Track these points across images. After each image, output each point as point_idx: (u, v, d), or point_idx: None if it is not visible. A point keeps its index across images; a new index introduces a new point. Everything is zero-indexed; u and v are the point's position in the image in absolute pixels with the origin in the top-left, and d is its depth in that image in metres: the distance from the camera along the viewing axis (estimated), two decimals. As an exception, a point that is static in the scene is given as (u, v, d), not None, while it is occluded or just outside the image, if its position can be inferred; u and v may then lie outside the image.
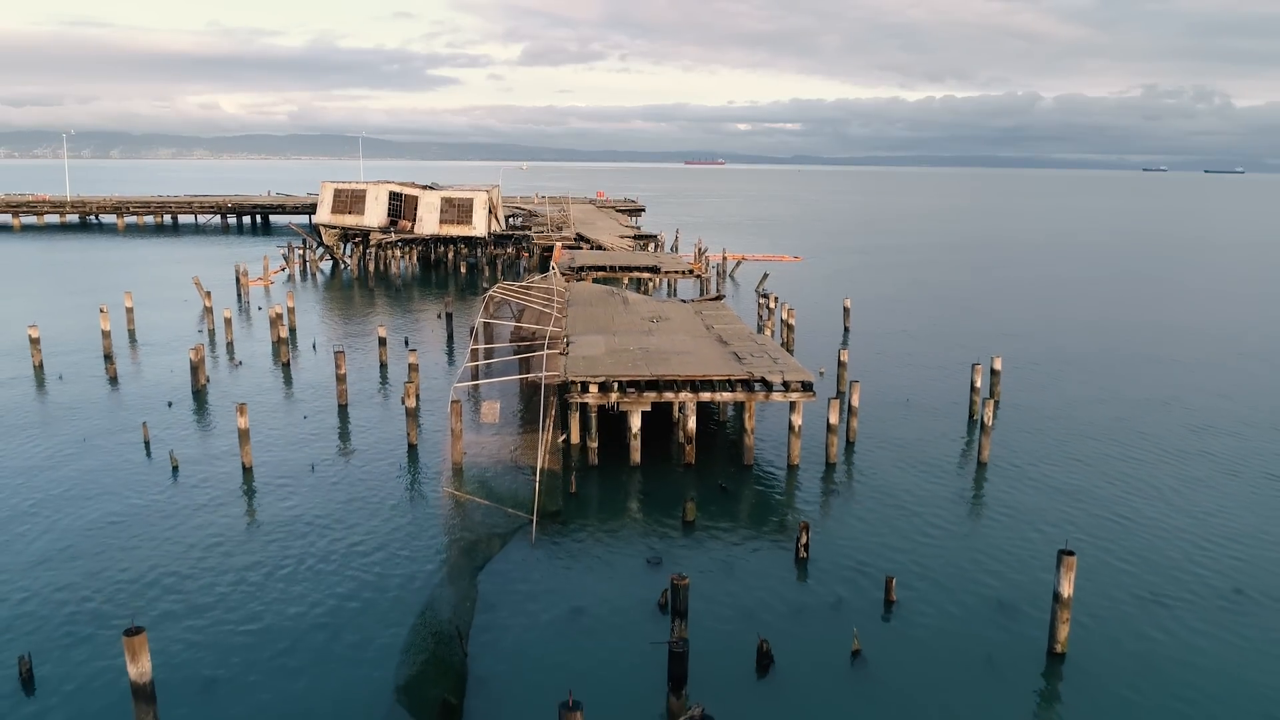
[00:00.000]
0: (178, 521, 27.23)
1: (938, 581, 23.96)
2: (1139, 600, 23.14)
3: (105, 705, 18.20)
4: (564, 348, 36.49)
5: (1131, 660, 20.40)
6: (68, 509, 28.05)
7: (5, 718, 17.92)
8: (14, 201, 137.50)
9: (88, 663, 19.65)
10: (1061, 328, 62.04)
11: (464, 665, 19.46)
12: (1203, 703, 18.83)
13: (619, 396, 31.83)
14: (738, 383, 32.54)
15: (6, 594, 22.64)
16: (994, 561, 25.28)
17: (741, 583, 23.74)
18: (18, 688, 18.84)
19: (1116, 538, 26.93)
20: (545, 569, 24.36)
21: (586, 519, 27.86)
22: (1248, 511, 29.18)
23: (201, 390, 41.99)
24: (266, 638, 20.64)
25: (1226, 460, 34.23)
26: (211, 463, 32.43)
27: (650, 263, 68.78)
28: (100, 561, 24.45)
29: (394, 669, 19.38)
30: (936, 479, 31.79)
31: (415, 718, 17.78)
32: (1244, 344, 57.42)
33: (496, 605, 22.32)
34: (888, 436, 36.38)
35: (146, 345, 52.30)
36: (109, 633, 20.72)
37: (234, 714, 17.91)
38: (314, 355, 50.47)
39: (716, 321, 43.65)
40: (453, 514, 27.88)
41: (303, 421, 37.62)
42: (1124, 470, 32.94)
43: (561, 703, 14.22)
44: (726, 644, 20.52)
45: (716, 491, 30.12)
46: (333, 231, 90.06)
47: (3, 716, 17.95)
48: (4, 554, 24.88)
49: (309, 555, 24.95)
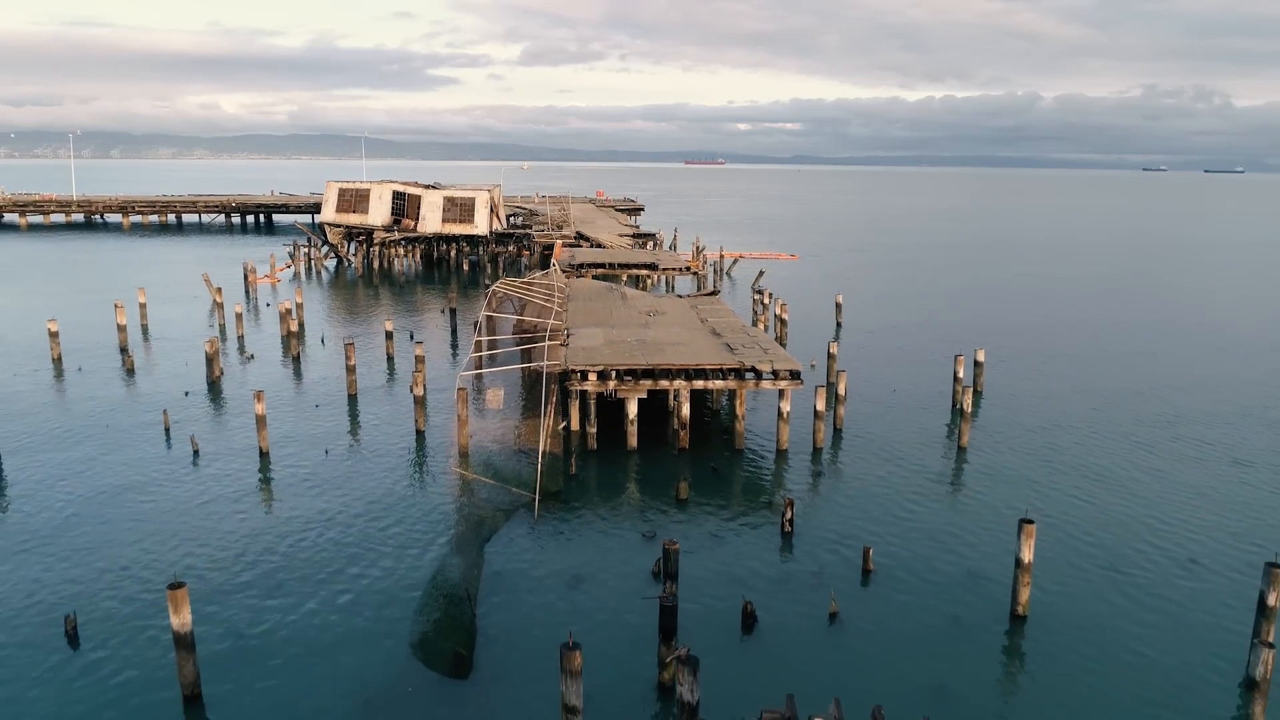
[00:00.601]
0: (202, 499, 28.99)
1: (913, 552, 25.72)
2: (1099, 569, 24.88)
3: (143, 658, 19.91)
4: (564, 339, 38.24)
5: (1088, 621, 22.13)
6: (96, 487, 29.80)
7: (54, 670, 19.61)
8: (21, 201, 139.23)
9: (126, 621, 21.39)
10: (1048, 323, 63.79)
11: (473, 623, 21.22)
12: (1154, 658, 20.53)
13: (616, 384, 33.58)
14: (729, 371, 34.28)
15: (50, 562, 24.40)
16: (966, 534, 27.04)
17: (729, 553, 25.49)
18: (64, 644, 20.56)
19: (1082, 514, 28.68)
20: (547, 541, 26.11)
21: (586, 498, 29.62)
22: (1207, 493, 30.92)
23: (216, 382, 43.72)
24: (293, 599, 22.40)
25: (1192, 446, 35.98)
26: (230, 447, 34.17)
27: (648, 260, 70.53)
28: (131, 534, 26.21)
29: (410, 626, 21.15)
30: (917, 461, 33.54)
31: (430, 668, 19.53)
32: (1221, 339, 59.17)
33: (502, 573, 24.07)
34: (873, 423, 38.12)
35: (160, 340, 53.99)
36: (146, 593, 22.49)
37: (266, 664, 19.65)
38: (322, 349, 52.21)
39: (711, 315, 45.38)
40: (460, 492, 29.64)
41: (315, 410, 39.36)
42: (1094, 455, 34.68)
43: (562, 644, 15.94)
44: (714, 606, 22.28)
45: (708, 473, 31.87)
46: (337, 230, 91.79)
47: (51, 669, 19.64)
48: (43, 528, 26.62)
49: (328, 529, 26.70)
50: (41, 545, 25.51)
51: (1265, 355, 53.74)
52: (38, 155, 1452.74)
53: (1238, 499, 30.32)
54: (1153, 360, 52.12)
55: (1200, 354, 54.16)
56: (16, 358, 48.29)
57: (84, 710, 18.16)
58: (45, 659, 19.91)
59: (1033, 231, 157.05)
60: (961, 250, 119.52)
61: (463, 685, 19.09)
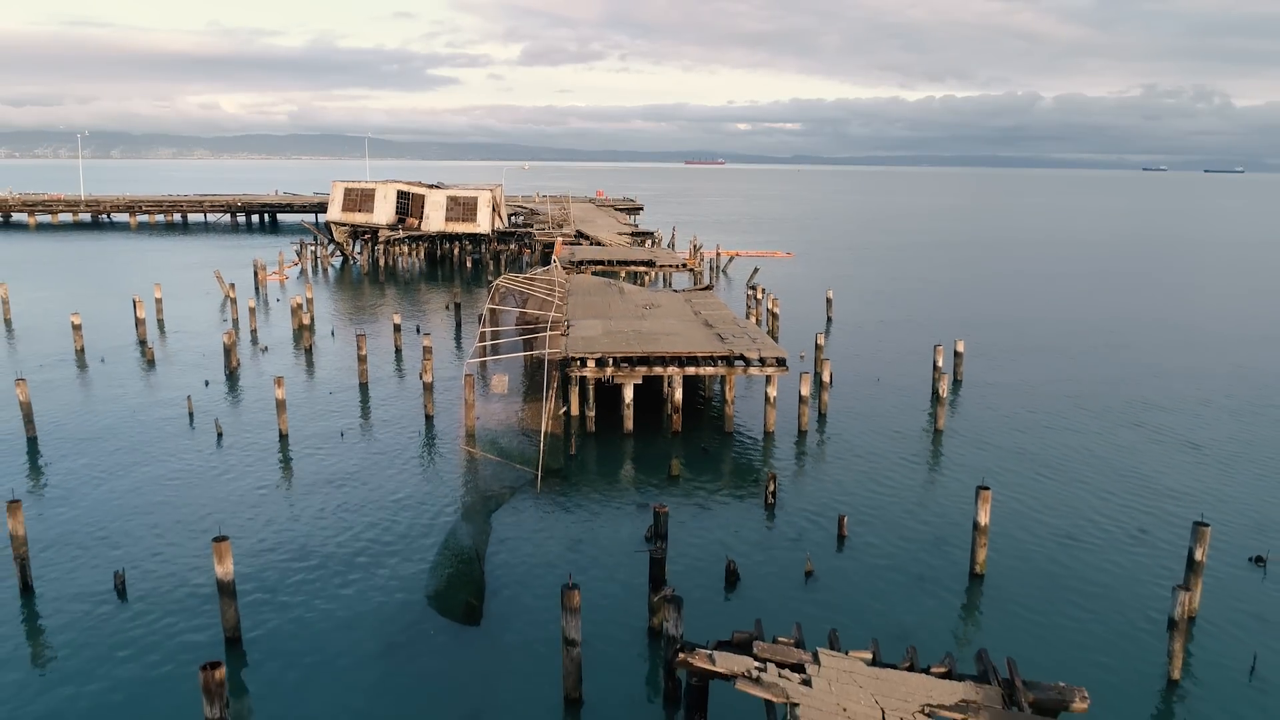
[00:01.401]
0: (229, 475, 31.27)
1: (884, 520, 28.01)
2: (1053, 536, 27.15)
3: (185, 607, 22.17)
4: (564, 330, 40.51)
5: (1040, 579, 24.39)
6: (131, 464, 32.08)
7: (105, 620, 21.82)
8: (30, 201, 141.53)
9: (168, 577, 23.66)
10: (1032, 318, 66.05)
11: (482, 578, 23.50)
12: (1096, 610, 22.75)
13: (614, 371, 35.85)
14: (720, 359, 36.57)
15: (96, 528, 26.68)
16: (934, 505, 29.32)
17: (716, 521, 27.77)
18: (114, 597, 22.83)
19: (1042, 489, 30.95)
20: (549, 510, 28.39)
21: (585, 475, 31.90)
22: (1160, 472, 33.18)
23: (234, 372, 45.98)
24: (318, 559, 24.69)
25: (1151, 431, 38.25)
26: (251, 430, 36.43)
27: (646, 257, 72.80)
28: (167, 504, 28.49)
29: (425, 581, 23.43)
30: (894, 443, 35.82)
31: (444, 615, 21.81)
32: (1195, 333, 61.43)
33: (507, 538, 26.34)
34: (856, 409, 40.39)
35: (176, 334, 56.23)
36: (183, 555, 24.76)
37: (298, 613, 21.92)
38: (332, 341, 54.48)
39: (704, 308, 47.66)
40: (468, 469, 31.94)
41: (329, 397, 41.63)
42: (1059, 437, 36.95)
43: (563, 584, 18.20)
44: (701, 565, 24.55)
45: (699, 454, 34.14)
46: (343, 229, 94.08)
47: (103, 619, 21.86)
48: (87, 499, 28.89)
49: (346, 500, 28.98)
50: (88, 514, 27.78)
51: (1233, 348, 55.97)
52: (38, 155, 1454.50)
53: (1188, 477, 32.57)
54: (1127, 352, 54.37)
55: (1172, 347, 56.40)
56: (42, 350, 50.56)
57: (134, 651, 20.37)
58: (98, 610, 22.17)
59: (1028, 231, 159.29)
60: (956, 249, 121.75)
61: (474, 630, 21.35)
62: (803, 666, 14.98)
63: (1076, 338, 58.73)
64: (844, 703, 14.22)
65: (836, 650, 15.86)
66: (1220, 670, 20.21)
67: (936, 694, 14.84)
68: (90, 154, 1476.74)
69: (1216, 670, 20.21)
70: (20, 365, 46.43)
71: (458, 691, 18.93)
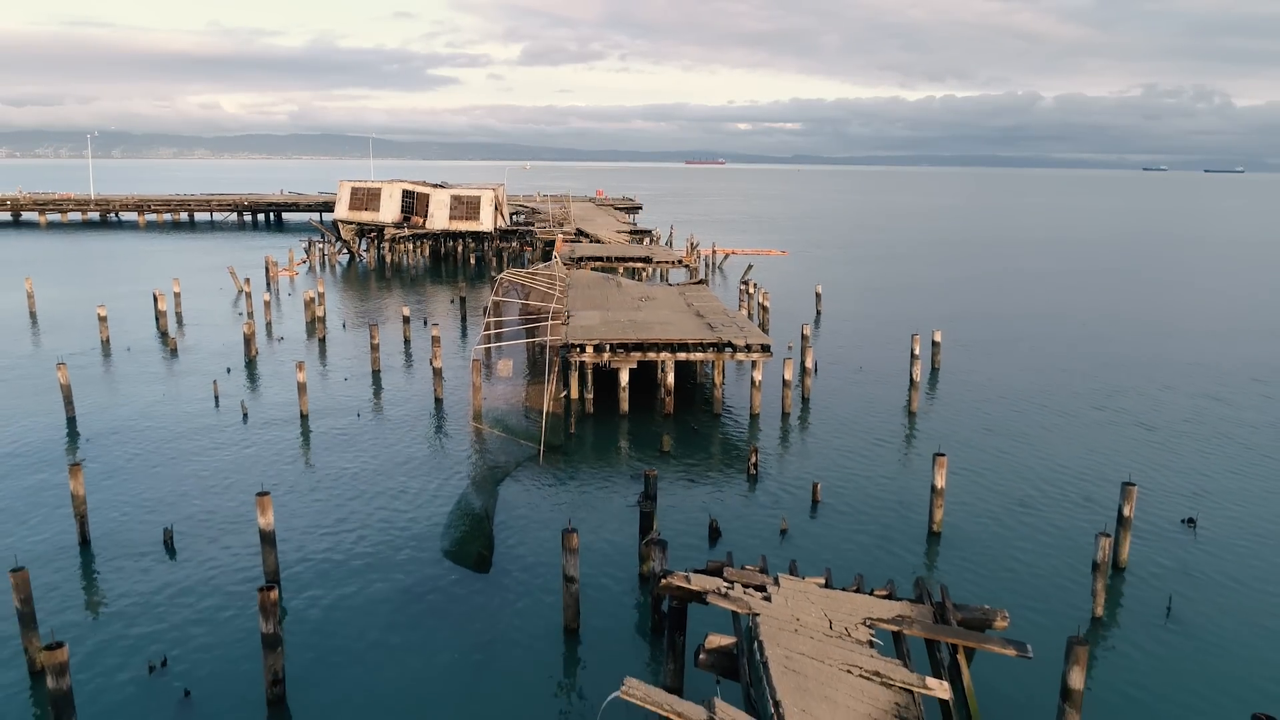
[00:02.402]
0: (256, 450, 34.07)
1: (855, 486, 30.84)
2: (1008, 500, 29.95)
3: (227, 558, 24.97)
4: (565, 319, 43.31)
5: (991, 536, 27.19)
6: (166, 439, 34.90)
7: (155, 573, 24.59)
8: (41, 200, 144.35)
9: (211, 533, 26.47)
10: (1013, 312, 68.87)
11: (491, 533, 26.32)
12: (1040, 564, 25.52)
13: (610, 356, 38.66)
14: (709, 345, 39.38)
15: (143, 489, 29.51)
16: (901, 475, 32.15)
17: (702, 488, 30.60)
18: (164, 553, 25.62)
19: (1001, 462, 33.75)
20: (551, 480, 31.21)
21: (583, 450, 34.72)
22: (1115, 447, 35.98)
23: (253, 360, 48.78)
24: (343, 516, 27.53)
25: (1109, 414, 41.06)
26: (274, 411, 39.25)
27: (643, 254, 75.61)
28: (203, 473, 31.32)
29: (440, 537, 26.25)
30: (871, 422, 38.64)
31: (458, 564, 24.62)
32: (1168, 327, 64.26)
33: (513, 502, 29.16)
34: (837, 393, 43.22)
35: (194, 325, 59.03)
36: (222, 519, 27.58)
37: (329, 557, 24.72)
38: (344, 333, 57.29)
39: (696, 300, 50.47)
40: (476, 444, 34.78)
41: (344, 382, 44.43)
42: (1023, 416, 39.78)
43: (563, 528, 20.99)
44: (686, 525, 27.35)
45: (690, 433, 36.96)
46: (350, 227, 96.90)
47: (153, 573, 24.63)
48: (127, 469, 31.71)
49: (365, 469, 31.81)
50: (131, 481, 30.60)
51: (1202, 341, 58.79)
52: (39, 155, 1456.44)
53: (1137, 453, 35.36)
54: (1099, 343, 57.16)
55: (1144, 339, 59.20)
56: (70, 341, 53.36)
57: (181, 591, 23.16)
58: (150, 563, 24.97)
59: (1022, 230, 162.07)
60: (948, 248, 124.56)
61: (485, 577, 24.15)
62: (764, 587, 17.75)
63: (1054, 330, 61.54)
64: (798, 614, 17.01)
65: (795, 576, 18.66)
66: (1140, 611, 23.01)
67: (877, 610, 17.62)
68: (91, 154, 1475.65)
69: (1137, 610, 23.01)
70: (53, 354, 49.24)
71: (471, 625, 21.73)
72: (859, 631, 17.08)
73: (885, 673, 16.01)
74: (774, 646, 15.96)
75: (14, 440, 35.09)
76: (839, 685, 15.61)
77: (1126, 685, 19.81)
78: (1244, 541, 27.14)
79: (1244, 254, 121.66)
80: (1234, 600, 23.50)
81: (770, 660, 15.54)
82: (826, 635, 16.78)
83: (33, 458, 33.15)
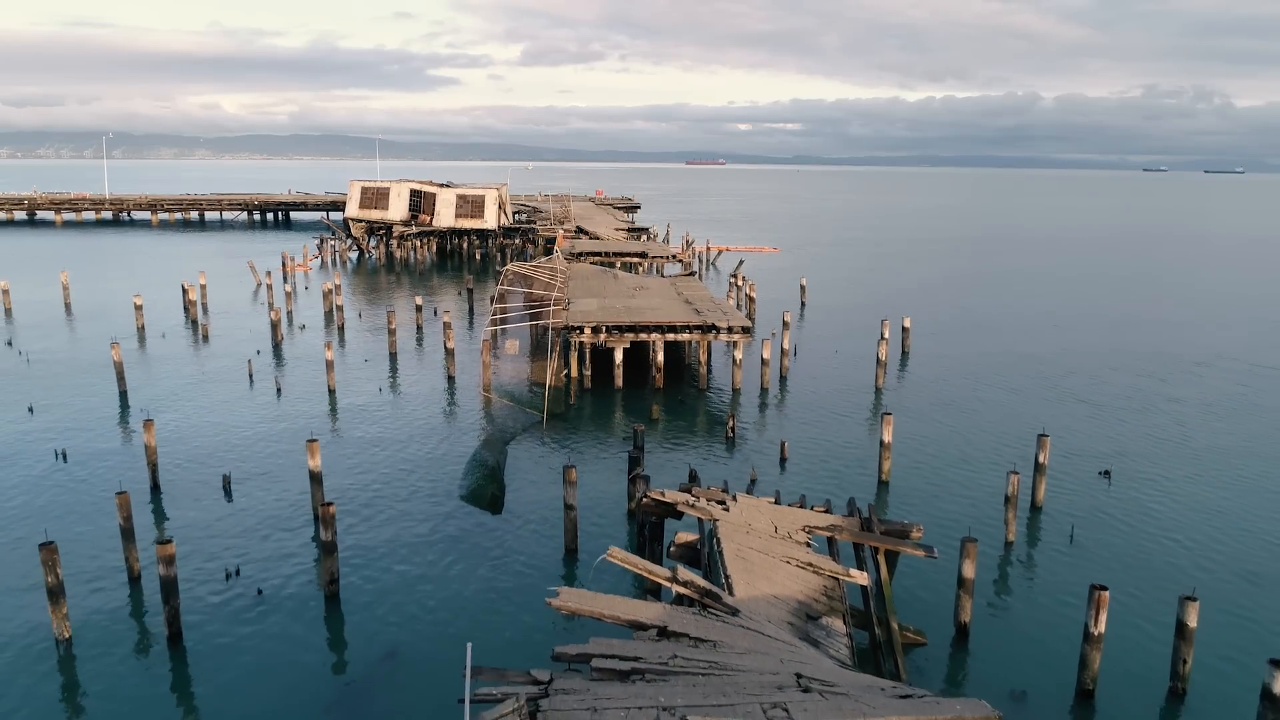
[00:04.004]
0: (290, 417, 38.49)
1: (819, 446, 35.28)
2: (948, 456, 34.37)
3: (279, 501, 29.37)
4: (566, 305, 47.73)
5: (931, 486, 31.58)
6: (208, 407, 39.32)
7: (215, 515, 28.95)
8: (58, 199, 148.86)
9: (264, 479, 30.89)
10: (985, 304, 73.30)
11: (502, 481, 30.75)
12: (969, 504, 29.89)
13: (606, 337, 43.07)
14: (695, 327, 43.82)
15: (197, 447, 33.94)
16: (860, 437, 36.57)
17: (685, 448, 35.03)
18: (222, 497, 30.03)
19: (951, 425, 38.18)
20: (553, 441, 35.65)
21: (581, 418, 39.16)
22: (1056, 416, 40.38)
23: (279, 344, 53.20)
24: (371, 469, 31.99)
25: (1062, 390, 45.49)
26: (304, 387, 43.66)
27: (639, 250, 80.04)
28: (249, 430, 35.74)
29: (458, 484, 30.67)
30: (839, 395, 43.08)
31: (474, 505, 29.03)
32: (1133, 317, 68.69)
33: (520, 459, 33.60)
34: (813, 372, 47.67)
35: (219, 315, 63.44)
36: (268, 471, 32.00)
37: (363, 502, 29.14)
38: (359, 321, 61.73)
39: (686, 290, 54.92)
40: (486, 412, 39.25)
41: (365, 364, 48.85)
42: (979, 392, 44.21)
43: (565, 464, 25.39)
44: (668, 473, 31.75)
45: (676, 404, 41.40)
46: (360, 224, 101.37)
47: (214, 515, 28.99)
48: (180, 431, 36.13)
49: (389, 434, 36.25)
50: (186, 440, 35.01)
51: (1157, 330, 63.22)
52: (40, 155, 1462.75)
53: (1073, 423, 39.77)
54: (1065, 332, 61.59)
55: (1105, 329, 63.62)
56: (106, 328, 57.75)
57: (243, 521, 27.56)
58: (213, 501, 29.39)
59: (1010, 229, 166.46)
60: (937, 245, 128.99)
61: (497, 516, 28.55)
62: (724, 502, 22.15)
63: (1023, 321, 65.97)
64: (750, 521, 21.40)
65: (749, 495, 23.06)
66: (1046, 539, 27.43)
67: (815, 521, 22.04)
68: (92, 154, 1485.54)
69: (1043, 538, 27.44)
70: (95, 339, 53.70)
71: (486, 548, 26.13)
72: (798, 535, 21.53)
73: (816, 563, 20.47)
74: (729, 542, 20.38)
75: (80, 406, 39.51)
76: (778, 571, 20.05)
77: (1019, 582, 24.24)
78: (1150, 492, 31.51)
79: (1222, 251, 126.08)
80: (1130, 536, 27.89)
81: (725, 551, 19.95)
82: (771, 537, 21.22)
83: (100, 417, 37.58)
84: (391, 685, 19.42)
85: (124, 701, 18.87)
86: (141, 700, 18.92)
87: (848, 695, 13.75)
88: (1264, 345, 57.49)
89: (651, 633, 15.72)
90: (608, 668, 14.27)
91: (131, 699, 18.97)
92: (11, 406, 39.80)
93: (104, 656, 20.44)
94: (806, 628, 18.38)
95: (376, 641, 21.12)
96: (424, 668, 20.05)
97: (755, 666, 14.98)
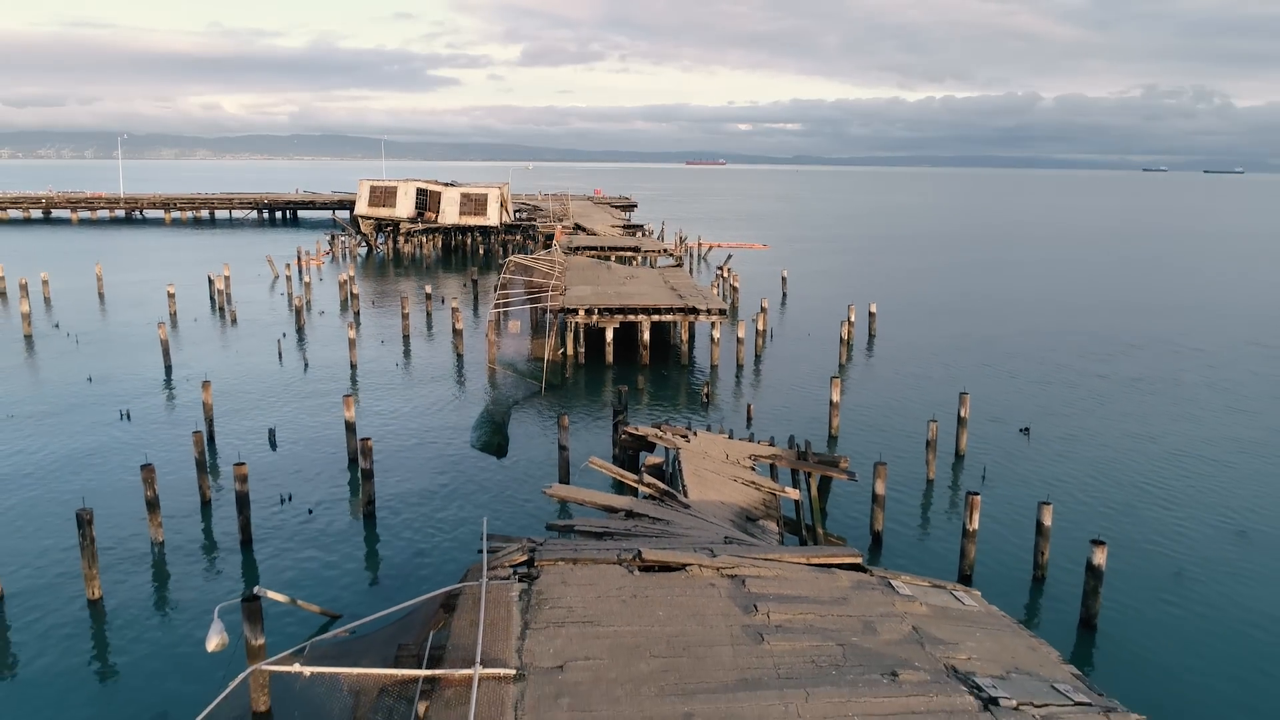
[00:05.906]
0: (319, 385, 43.79)
1: (781, 410, 40.61)
2: (892, 416, 39.64)
3: (318, 451, 34.63)
4: (563, 291, 53.04)
5: (874, 437, 36.82)
6: (246, 377, 44.62)
7: (262, 464, 34.11)
8: (74, 198, 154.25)
9: (306, 432, 36.19)
10: (957, 292, 78.62)
11: (506, 433, 36.07)
12: (904, 454, 35.11)
13: (598, 318, 48.37)
14: (678, 309, 49.14)
15: (241, 408, 39.23)
16: (820, 403, 41.84)
17: (665, 411, 40.35)
18: (268, 449, 35.30)
19: (901, 393, 43.47)
20: (551, 404, 40.98)
21: (576, 388, 44.49)
22: (994, 388, 45.68)
23: (302, 328, 58.52)
24: (392, 425, 37.29)
25: (1007, 369, 50.78)
26: (328, 364, 48.95)
27: (633, 244, 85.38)
28: (287, 393, 41.03)
29: (469, 435, 35.99)
30: (805, 371, 48.40)
31: (483, 452, 34.34)
32: (1092, 306, 74.01)
33: (521, 418, 38.91)
34: (785, 353, 53.00)
35: (243, 303, 68.72)
36: (306, 428, 37.31)
37: (388, 452, 34.44)
38: (373, 308, 67.06)
39: (673, 279, 60.24)
40: (491, 382, 44.59)
41: (381, 345, 54.17)
42: (932, 369, 49.51)
43: (557, 415, 30.66)
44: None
45: (660, 377, 46.71)
46: (369, 221, 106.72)
47: (262, 464, 34.17)
48: (226, 397, 41.42)
49: (406, 400, 41.56)
50: (232, 402, 40.29)
51: (1110, 316, 68.51)
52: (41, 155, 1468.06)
53: (1007, 393, 45.07)
54: (1027, 318, 66.89)
55: (1062, 316, 68.93)
56: (143, 314, 63.08)
57: (289, 463, 32.82)
58: (261, 451, 34.68)
59: (1001, 226, 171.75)
60: (925, 241, 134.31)
61: (502, 459, 33.85)
62: (687, 436, 27.44)
63: (989, 308, 71.29)
64: (706, 451, 26.68)
65: (708, 432, 28.36)
66: (964, 479, 32.72)
67: (760, 452, 27.34)
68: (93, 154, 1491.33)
69: (961, 479, 32.72)
70: (134, 323, 59.01)
71: (493, 482, 31.43)
72: (745, 461, 26.85)
73: (757, 481, 25.79)
74: (688, 464, 25.68)
75: (133, 377, 44.79)
76: (726, 486, 25.37)
77: (933, 507, 29.54)
78: (1059, 445, 36.79)
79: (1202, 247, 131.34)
80: (1036, 474, 33.16)
81: (684, 470, 25.25)
82: (723, 462, 26.54)
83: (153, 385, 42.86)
84: (420, 572, 24.71)
85: (207, 592, 24.17)
86: (220, 594, 24.21)
87: (755, 545, 19.06)
88: (1198, 330, 62.79)
89: (621, 514, 21.02)
90: (586, 530, 19.57)
91: (213, 593, 24.27)
92: (72, 378, 45.13)
93: (194, 554, 25.75)
94: (745, 526, 23.69)
95: (409, 545, 26.42)
96: (448, 553, 25.35)
97: (698, 535, 20.28)
